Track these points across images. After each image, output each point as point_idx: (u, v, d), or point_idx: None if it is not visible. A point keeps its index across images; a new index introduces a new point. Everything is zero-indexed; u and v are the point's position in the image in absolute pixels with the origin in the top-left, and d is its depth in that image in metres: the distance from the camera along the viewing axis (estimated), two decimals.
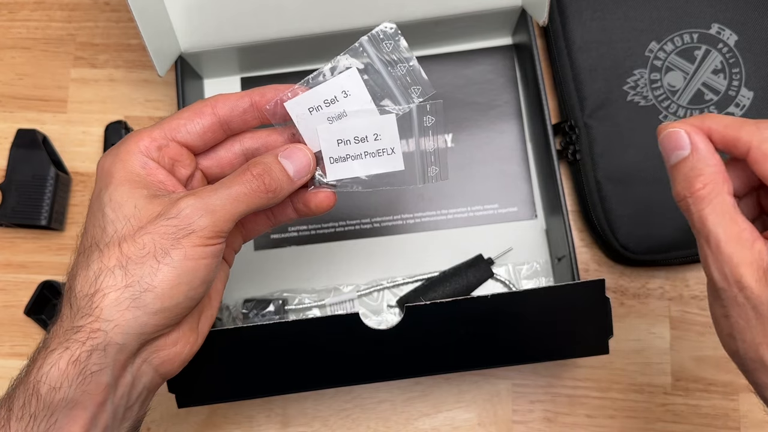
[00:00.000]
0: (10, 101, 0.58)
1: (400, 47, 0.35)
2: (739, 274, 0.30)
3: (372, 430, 0.52)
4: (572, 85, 0.54)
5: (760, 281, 0.29)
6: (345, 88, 0.35)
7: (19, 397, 0.30)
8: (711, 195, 0.31)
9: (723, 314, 0.31)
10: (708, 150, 0.32)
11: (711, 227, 0.31)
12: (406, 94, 0.35)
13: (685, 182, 0.32)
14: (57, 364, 0.29)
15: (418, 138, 0.36)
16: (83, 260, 0.32)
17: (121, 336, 0.30)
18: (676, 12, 0.54)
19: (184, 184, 0.35)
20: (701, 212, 0.31)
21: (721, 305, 0.31)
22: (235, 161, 0.37)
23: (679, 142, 0.32)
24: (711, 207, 0.31)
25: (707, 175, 0.31)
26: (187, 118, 0.35)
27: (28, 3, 0.59)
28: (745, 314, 0.30)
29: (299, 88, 0.35)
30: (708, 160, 0.31)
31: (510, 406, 0.52)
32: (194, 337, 0.35)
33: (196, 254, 0.31)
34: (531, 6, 0.51)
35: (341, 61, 0.35)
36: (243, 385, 0.41)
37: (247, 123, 0.36)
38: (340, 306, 0.53)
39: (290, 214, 0.38)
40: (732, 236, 0.30)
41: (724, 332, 0.32)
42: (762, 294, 0.29)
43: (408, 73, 0.35)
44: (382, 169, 0.36)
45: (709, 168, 0.31)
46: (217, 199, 0.32)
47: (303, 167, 0.35)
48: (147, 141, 0.34)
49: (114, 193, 0.32)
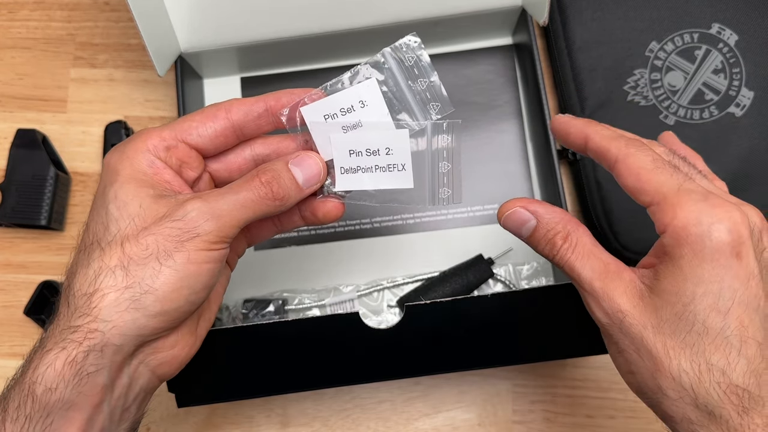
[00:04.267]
0: (9, 101, 0.58)
1: (422, 62, 0.34)
2: (617, 304, 0.30)
3: (372, 430, 0.52)
4: (572, 85, 0.54)
5: (637, 306, 0.30)
6: (363, 98, 0.34)
7: (14, 398, 0.29)
8: (572, 245, 0.32)
9: (617, 352, 0.32)
10: (548, 209, 0.34)
11: (580, 271, 0.32)
12: (424, 110, 0.34)
13: (548, 245, 0.33)
14: (53, 364, 0.29)
15: (431, 157, 0.35)
16: (84, 258, 0.31)
17: (118, 337, 0.30)
18: (677, 12, 0.54)
19: (190, 185, 0.35)
20: (568, 262, 0.32)
21: (614, 343, 0.32)
22: (245, 166, 0.36)
23: (523, 217, 0.34)
24: (575, 255, 0.32)
25: (562, 231, 0.33)
26: (199, 120, 0.34)
27: (27, 3, 0.59)
28: (633, 344, 0.30)
29: (317, 93, 0.34)
30: (554, 217, 0.33)
31: (510, 406, 0.52)
32: (192, 340, 0.35)
33: (200, 258, 0.31)
34: (531, 6, 0.51)
35: (361, 71, 0.34)
36: (243, 385, 0.41)
37: (260, 128, 0.35)
38: (340, 306, 0.53)
39: (297, 222, 0.37)
40: (600, 272, 0.31)
41: (624, 371, 0.32)
42: (642, 316, 0.30)
43: (428, 88, 0.34)
44: (390, 185, 0.35)
45: (560, 223, 0.33)
46: (224, 204, 0.31)
47: (313, 176, 0.34)
48: (156, 140, 0.33)
49: (119, 190, 0.32)
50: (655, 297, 0.29)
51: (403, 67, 0.34)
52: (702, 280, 0.28)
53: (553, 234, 0.33)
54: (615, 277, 0.31)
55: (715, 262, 0.28)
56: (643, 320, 0.30)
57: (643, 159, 0.31)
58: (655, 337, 0.29)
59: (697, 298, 0.28)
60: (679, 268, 0.29)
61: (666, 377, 0.29)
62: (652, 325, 0.29)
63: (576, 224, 0.33)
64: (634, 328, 0.30)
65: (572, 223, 0.33)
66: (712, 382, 0.28)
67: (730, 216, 0.28)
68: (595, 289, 0.31)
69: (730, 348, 0.28)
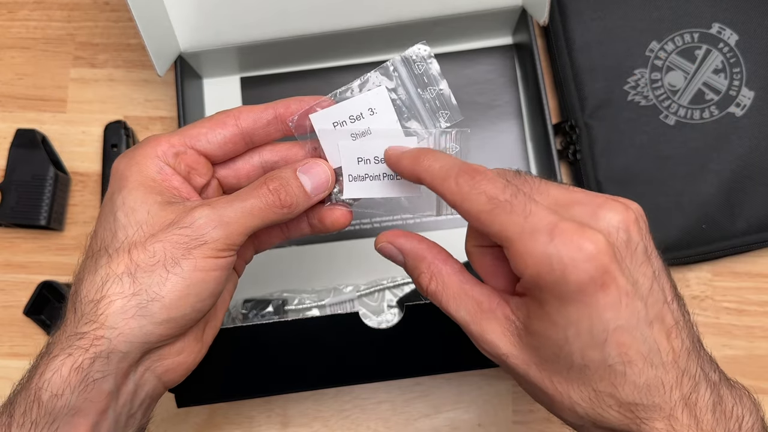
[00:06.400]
0: (9, 101, 0.58)
1: (431, 70, 0.34)
2: (497, 347, 0.29)
3: (372, 430, 0.52)
4: (573, 85, 0.54)
5: (516, 346, 0.29)
6: (372, 105, 0.34)
7: (20, 404, 0.29)
8: (439, 286, 0.31)
9: (521, 384, 0.31)
10: (416, 247, 0.32)
11: (454, 314, 0.31)
12: (433, 118, 0.34)
13: (416, 283, 0.32)
14: (59, 370, 0.29)
15: None
16: (91, 264, 0.31)
17: (124, 344, 0.30)
18: (677, 12, 0.54)
19: (199, 192, 0.35)
20: (441, 304, 0.31)
21: (514, 378, 0.31)
22: (253, 173, 0.36)
23: (390, 253, 0.33)
24: (445, 296, 0.31)
25: (426, 270, 0.32)
26: (208, 127, 0.34)
27: (27, 3, 0.59)
28: (523, 380, 0.30)
29: (326, 101, 0.34)
30: (418, 256, 0.32)
31: (510, 406, 0.52)
32: (198, 347, 0.35)
33: (207, 266, 0.31)
34: (531, 6, 0.51)
35: (371, 79, 0.34)
36: (243, 385, 0.41)
37: (269, 135, 0.35)
38: (340, 306, 0.53)
39: (305, 229, 0.37)
40: (474, 314, 0.30)
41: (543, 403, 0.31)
42: (524, 355, 0.29)
43: (437, 96, 0.34)
44: (398, 193, 0.35)
45: (425, 263, 0.32)
46: (232, 212, 0.31)
47: (321, 183, 0.34)
48: (165, 146, 0.33)
49: (128, 197, 0.32)
50: (531, 337, 0.28)
51: (413, 75, 0.34)
52: (570, 322, 0.26)
53: (417, 273, 0.32)
54: (490, 316, 0.30)
55: (580, 302, 0.26)
56: (525, 359, 0.29)
57: (479, 200, 0.28)
58: (541, 374, 0.28)
59: (570, 339, 0.27)
60: (545, 313, 0.27)
61: (562, 409, 0.28)
62: (535, 363, 0.28)
63: (443, 260, 0.32)
64: (519, 368, 0.29)
65: (439, 259, 0.32)
66: (604, 406, 0.27)
67: (581, 249, 0.25)
68: (472, 332, 0.30)
69: (614, 374, 0.27)
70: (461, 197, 0.29)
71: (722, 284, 0.54)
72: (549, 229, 0.26)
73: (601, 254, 0.26)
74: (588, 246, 0.26)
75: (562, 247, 0.26)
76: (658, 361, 0.27)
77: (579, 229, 0.26)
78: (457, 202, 0.29)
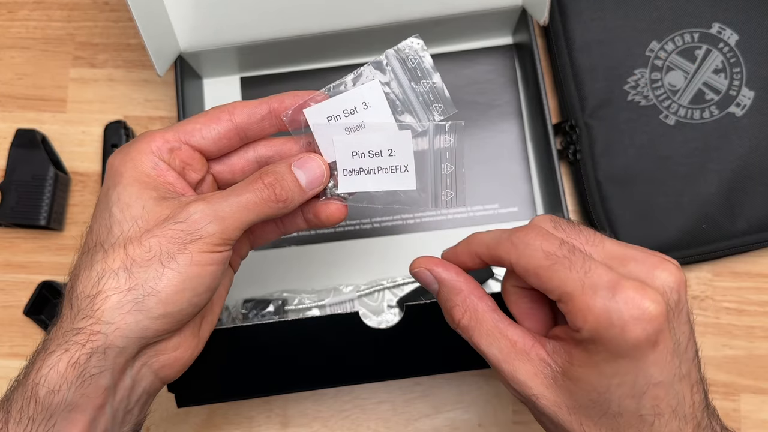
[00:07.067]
0: (9, 101, 0.58)
1: (424, 63, 0.34)
2: (528, 388, 0.30)
3: (372, 430, 0.52)
4: (573, 85, 0.54)
5: (550, 388, 0.29)
6: (366, 99, 0.34)
7: (17, 400, 0.29)
8: (472, 321, 0.31)
9: (538, 418, 0.31)
10: (453, 279, 0.32)
11: (485, 350, 0.31)
12: (427, 111, 0.34)
13: (448, 315, 0.33)
14: (56, 366, 0.29)
15: (433, 158, 0.34)
16: (87, 260, 0.31)
17: (121, 339, 0.30)
18: (677, 11, 0.54)
19: (194, 187, 0.35)
20: (471, 340, 0.32)
21: (536, 416, 0.31)
22: (248, 168, 0.36)
23: (426, 280, 0.33)
24: (477, 332, 0.31)
25: (461, 304, 0.32)
26: (203, 122, 0.34)
27: (27, 3, 0.59)
28: (548, 420, 0.30)
29: (320, 95, 0.34)
30: (455, 288, 0.32)
31: (510, 407, 0.52)
32: (195, 342, 0.35)
33: (203, 260, 0.31)
34: (531, 6, 0.51)
35: (365, 72, 0.34)
36: (243, 385, 0.41)
37: (264, 130, 0.35)
38: (340, 306, 0.53)
39: (300, 224, 0.37)
40: (507, 353, 0.30)
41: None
42: (556, 398, 0.29)
43: (431, 90, 0.34)
44: (393, 186, 0.35)
45: (460, 296, 0.32)
46: (227, 206, 0.31)
47: (316, 178, 0.34)
48: (159, 142, 0.33)
49: (123, 192, 0.32)
50: (569, 382, 0.29)
51: (406, 68, 0.34)
52: (617, 373, 0.27)
53: (451, 306, 0.32)
54: (523, 357, 0.30)
55: (631, 357, 0.27)
56: (557, 401, 0.29)
57: (536, 256, 0.29)
58: (571, 417, 0.29)
59: (612, 388, 0.28)
60: (594, 364, 0.28)
61: None
62: (567, 406, 0.29)
63: (479, 296, 0.32)
64: (548, 409, 0.29)
65: (475, 294, 0.32)
66: None
67: (642, 308, 0.26)
68: (503, 371, 0.30)
69: (643, 423, 0.28)
70: (517, 255, 0.29)
71: (722, 284, 0.54)
72: (610, 286, 0.27)
73: (661, 315, 0.27)
74: (649, 306, 0.27)
75: (623, 305, 0.26)
76: (681, 413, 0.28)
77: (641, 289, 0.27)
78: (513, 259, 0.30)
